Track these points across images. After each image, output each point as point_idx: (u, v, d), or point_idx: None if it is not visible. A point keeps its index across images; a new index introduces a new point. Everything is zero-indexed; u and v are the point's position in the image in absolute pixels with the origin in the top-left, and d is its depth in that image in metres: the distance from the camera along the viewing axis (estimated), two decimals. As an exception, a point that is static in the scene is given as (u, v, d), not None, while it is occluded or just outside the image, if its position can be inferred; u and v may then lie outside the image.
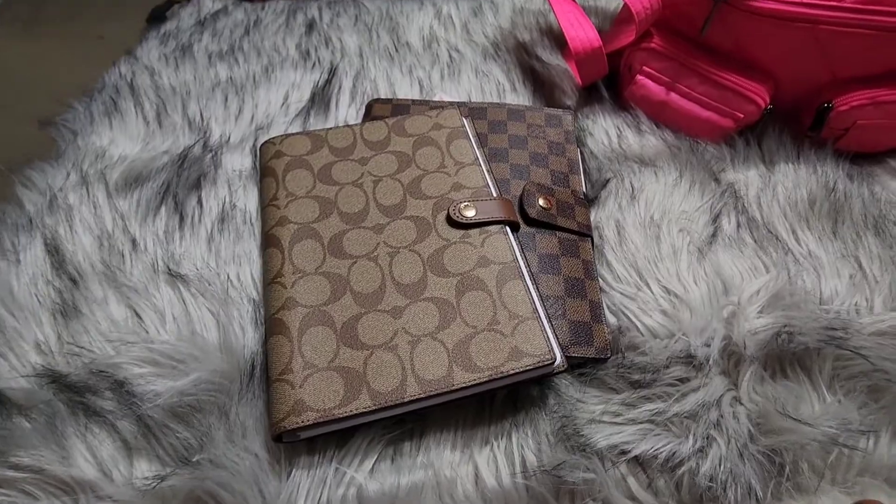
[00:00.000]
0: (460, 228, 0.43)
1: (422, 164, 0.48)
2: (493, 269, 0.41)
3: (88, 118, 0.55)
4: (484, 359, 0.37)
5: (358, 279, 0.40)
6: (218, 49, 0.66)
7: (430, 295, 0.40)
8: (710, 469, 0.36)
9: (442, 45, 0.68)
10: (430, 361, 0.37)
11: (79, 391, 0.36)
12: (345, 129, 0.50)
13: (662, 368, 0.41)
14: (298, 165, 0.47)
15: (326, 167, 0.47)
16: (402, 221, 0.44)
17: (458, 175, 0.47)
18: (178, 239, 0.45)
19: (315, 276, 0.40)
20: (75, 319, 0.40)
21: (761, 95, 0.54)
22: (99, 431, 0.36)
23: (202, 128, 0.55)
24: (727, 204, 0.52)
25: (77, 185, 0.48)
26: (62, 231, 0.44)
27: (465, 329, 0.38)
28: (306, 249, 0.42)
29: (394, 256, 0.42)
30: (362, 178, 0.46)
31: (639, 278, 0.47)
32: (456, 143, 0.49)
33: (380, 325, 0.38)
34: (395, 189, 0.46)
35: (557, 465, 0.36)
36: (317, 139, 0.49)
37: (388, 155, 0.48)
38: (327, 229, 0.43)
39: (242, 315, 0.42)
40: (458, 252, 0.42)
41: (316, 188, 0.46)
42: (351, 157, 0.48)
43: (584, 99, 0.63)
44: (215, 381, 0.38)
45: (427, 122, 0.51)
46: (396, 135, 0.50)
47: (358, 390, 0.35)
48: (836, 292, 0.46)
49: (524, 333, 0.38)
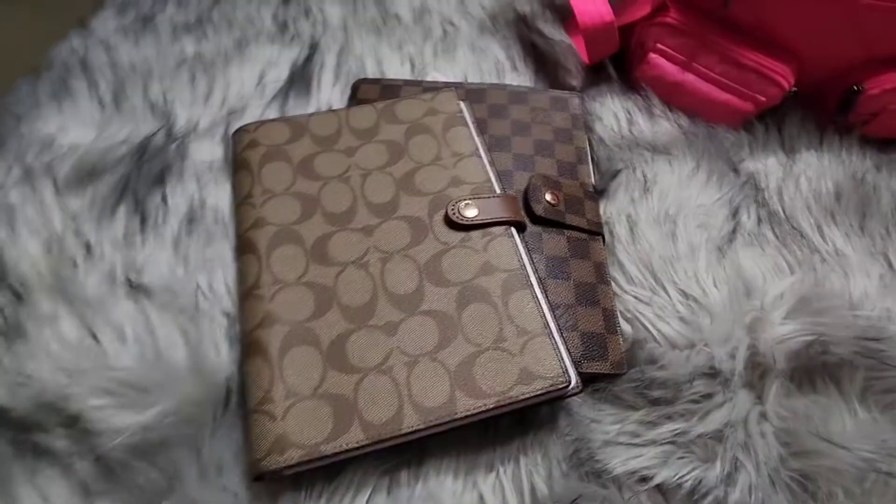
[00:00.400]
0: (460, 230, 0.39)
1: (415, 155, 0.42)
2: (497, 277, 0.37)
3: (33, 100, 0.48)
4: (490, 382, 0.33)
5: (346, 290, 0.36)
6: (184, 20, 0.59)
7: (428, 308, 0.35)
8: (740, 498, 0.33)
9: (434, 18, 0.62)
10: (429, 386, 0.33)
11: (26, 428, 0.32)
12: (328, 115, 0.45)
13: (685, 384, 0.37)
14: (276, 157, 0.42)
15: (308, 159, 0.42)
16: (394, 222, 0.39)
17: (456, 168, 0.42)
18: (140, 243, 0.40)
19: (297, 287, 0.36)
20: (19, 341, 0.35)
21: (785, 76, 0.50)
22: (51, 474, 0.31)
23: (166, 112, 0.49)
24: (747, 196, 0.48)
25: (20, 180, 0.42)
26: (3, 235, 0.39)
27: (468, 347, 0.34)
28: (286, 256, 0.37)
29: (386, 263, 0.37)
30: (349, 171, 0.41)
31: (654, 281, 0.43)
32: (453, 132, 0.44)
33: (371, 343, 0.34)
34: (385, 184, 0.41)
35: (573, 501, 0.33)
36: (297, 126, 0.44)
37: (377, 145, 0.43)
38: (310, 232, 0.38)
39: (215, 331, 0.37)
40: (459, 258, 0.37)
41: (296, 184, 0.40)
42: (336, 148, 0.43)
43: (590, 79, 0.58)
44: (185, 412, 0.33)
45: (421, 107, 0.45)
46: (386, 122, 0.44)
47: (348, 422, 0.31)
48: (866, 295, 0.42)
49: (534, 352, 0.34)
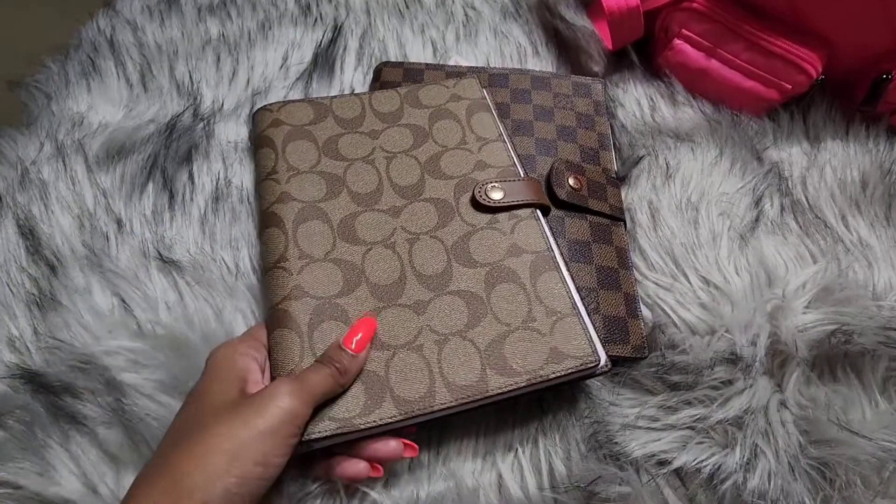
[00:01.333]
0: (487, 212, 0.39)
1: (440, 139, 0.43)
2: (525, 258, 0.37)
3: (63, 79, 0.49)
4: (521, 361, 0.33)
5: (374, 269, 0.36)
6: (208, 1, 0.59)
7: (457, 288, 0.36)
8: (758, 485, 0.33)
9: (457, 2, 0.61)
10: (460, 364, 0.33)
11: (58, 393, 0.33)
12: (351, 98, 0.45)
13: (706, 369, 0.37)
14: (300, 136, 0.42)
15: (332, 140, 0.42)
16: (420, 204, 0.39)
17: (481, 152, 0.42)
18: (169, 220, 0.41)
19: (324, 264, 0.36)
20: (54, 311, 0.36)
21: (813, 64, 0.49)
22: (82, 441, 0.32)
23: (192, 92, 0.49)
24: (770, 185, 0.48)
25: (52, 156, 0.42)
26: (36, 211, 0.40)
27: (498, 327, 0.34)
28: (313, 231, 0.37)
29: (413, 244, 0.37)
30: (373, 153, 0.41)
31: (675, 267, 0.43)
32: (477, 117, 0.44)
33: (402, 321, 0.34)
34: (411, 167, 0.41)
35: (592, 482, 0.33)
36: (320, 108, 0.44)
37: (401, 128, 0.43)
38: (336, 210, 0.38)
39: (242, 305, 0.38)
40: (486, 239, 0.38)
41: (321, 163, 0.40)
42: (360, 130, 0.43)
43: (613, 65, 0.57)
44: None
45: (443, 93, 0.45)
46: (410, 106, 0.44)
47: (381, 397, 0.31)
48: (890, 285, 0.42)
49: (564, 332, 0.34)
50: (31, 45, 0.52)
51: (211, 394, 0.28)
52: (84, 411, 0.32)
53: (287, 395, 0.28)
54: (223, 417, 0.26)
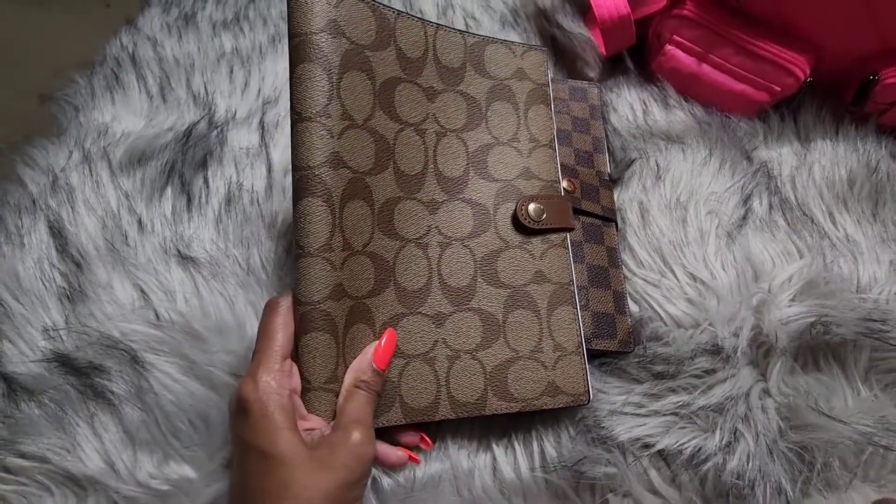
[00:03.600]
0: (523, 232, 0.38)
1: (493, 127, 0.40)
2: (546, 288, 0.38)
3: (89, 93, 0.52)
4: (520, 389, 0.35)
5: (403, 271, 0.35)
6: (222, 18, 0.63)
7: (477, 306, 0.36)
8: (737, 466, 0.35)
9: (458, 13, 0.64)
10: (466, 383, 0.35)
11: (87, 373, 0.36)
12: (417, 27, 0.37)
13: (687, 360, 0.39)
14: (359, 66, 0.33)
15: (390, 84, 0.35)
16: (458, 204, 0.38)
17: (530, 157, 0.41)
18: (187, 220, 0.44)
19: (362, 257, 0.32)
20: (82, 303, 0.39)
21: (801, 67, 0.51)
22: (105, 420, 0.35)
23: (207, 103, 0.53)
24: (759, 184, 0.49)
25: (79, 163, 0.46)
26: (65, 213, 0.43)
27: (507, 352, 0.36)
28: (356, 215, 0.32)
29: (445, 249, 0.37)
30: (426, 122, 0.37)
31: (663, 264, 0.45)
32: (535, 110, 0.42)
33: (420, 332, 0.35)
34: (458, 155, 0.38)
35: (578, 461, 0.35)
36: (384, 25, 0.35)
37: (458, 98, 0.39)
38: (381, 189, 0.34)
39: (254, 299, 0.40)
40: (515, 260, 0.38)
41: (374, 117, 0.34)
42: (418, 81, 0.37)
43: (608, 70, 0.60)
44: (228, 363, 0.37)
45: (509, 62, 0.42)
46: (473, 68, 0.40)
47: (391, 403, 0.33)
48: (874, 279, 0.43)
49: (564, 369, 0.36)
50: (60, 62, 0.56)
51: (275, 446, 0.26)
52: (110, 387, 0.36)
53: (367, 440, 0.28)
54: (304, 469, 0.26)
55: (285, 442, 0.27)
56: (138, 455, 0.35)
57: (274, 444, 0.26)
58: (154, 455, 0.35)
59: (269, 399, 0.27)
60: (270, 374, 0.28)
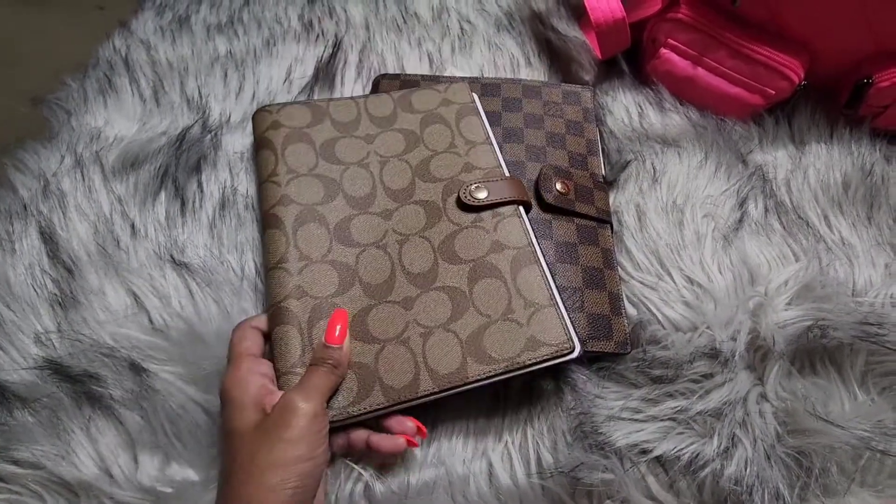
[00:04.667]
0: (472, 212, 0.41)
1: (430, 143, 0.45)
2: (507, 254, 0.39)
3: (82, 96, 0.52)
4: (499, 350, 0.35)
5: (366, 269, 0.39)
6: (217, 21, 0.63)
7: (442, 284, 0.38)
8: (735, 471, 0.35)
9: (452, 16, 0.64)
10: (443, 354, 0.35)
11: (81, 380, 0.35)
12: (347, 102, 0.47)
13: (685, 364, 0.39)
14: (299, 139, 0.43)
15: (329, 143, 0.44)
16: (410, 206, 0.42)
17: (468, 155, 0.44)
18: (181, 225, 0.43)
19: (322, 265, 0.38)
20: (74, 310, 0.39)
21: (795, 70, 0.51)
22: (102, 426, 0.35)
23: (201, 106, 0.52)
24: (755, 188, 0.50)
25: (72, 168, 0.46)
26: (56, 218, 0.43)
27: (479, 319, 0.37)
28: (311, 234, 0.39)
29: (403, 244, 0.40)
30: (368, 157, 0.44)
31: (660, 267, 0.45)
32: (466, 121, 0.47)
33: (391, 317, 0.37)
34: (403, 171, 0.43)
35: (575, 467, 0.35)
36: (317, 110, 0.45)
37: (394, 133, 0.45)
38: (333, 213, 0.40)
39: (247, 305, 0.40)
40: (470, 237, 0.40)
41: (319, 166, 0.42)
42: (355, 134, 0.45)
43: (603, 74, 0.60)
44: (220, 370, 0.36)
45: (435, 98, 0.48)
46: (403, 110, 0.47)
47: (371, 387, 0.34)
48: (870, 283, 0.43)
49: (541, 322, 0.37)
50: (52, 65, 0.55)
51: (238, 422, 0.30)
52: (106, 393, 0.35)
53: (301, 401, 0.30)
54: (257, 441, 0.29)
55: (239, 418, 0.30)
56: (138, 457, 0.34)
57: (230, 420, 0.30)
58: (155, 457, 0.34)
59: (235, 384, 0.31)
60: (240, 362, 0.32)
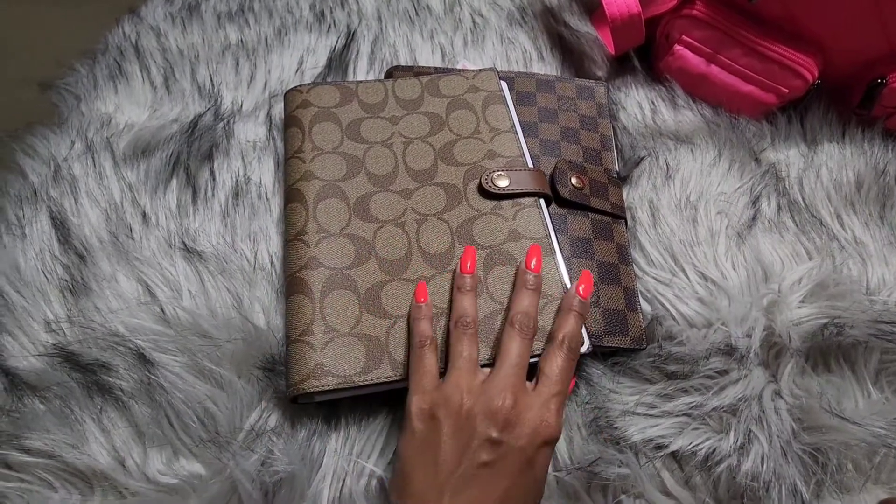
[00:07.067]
0: (492, 199, 0.41)
1: (455, 128, 0.45)
2: (524, 244, 0.39)
3: (92, 82, 0.51)
4: None
5: (383, 245, 0.39)
6: (227, 9, 0.62)
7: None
8: (752, 467, 0.35)
9: (465, 9, 0.64)
10: None
11: (92, 369, 0.35)
12: (376, 84, 0.47)
13: (701, 360, 0.39)
14: (326, 118, 0.44)
15: (355, 123, 0.44)
16: (431, 188, 0.42)
17: (492, 142, 0.45)
18: (192, 213, 0.43)
19: (339, 238, 0.39)
20: (85, 297, 0.38)
21: (809, 69, 0.51)
22: (114, 416, 0.34)
23: (213, 94, 0.52)
24: (768, 185, 0.49)
25: (82, 154, 0.45)
26: (67, 204, 0.42)
27: (492, 305, 0.37)
28: (331, 208, 0.40)
29: (421, 224, 0.40)
30: (392, 138, 0.44)
31: (674, 263, 0.44)
32: (492, 108, 0.47)
33: (404, 294, 0.37)
34: (425, 153, 0.44)
35: (591, 462, 0.35)
36: (346, 91, 0.46)
37: (420, 116, 0.46)
38: (354, 189, 0.41)
39: (261, 295, 0.40)
40: (489, 224, 0.40)
41: (343, 144, 0.43)
42: (381, 115, 0.45)
43: (616, 70, 0.59)
44: (234, 357, 0.36)
45: (463, 84, 0.48)
46: (430, 94, 0.47)
47: (379, 359, 0.35)
48: (883, 282, 0.43)
49: (552, 314, 0.37)
50: (61, 50, 0.54)
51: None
52: (117, 384, 0.35)
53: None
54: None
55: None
56: (148, 450, 0.34)
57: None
58: (163, 451, 0.34)
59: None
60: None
